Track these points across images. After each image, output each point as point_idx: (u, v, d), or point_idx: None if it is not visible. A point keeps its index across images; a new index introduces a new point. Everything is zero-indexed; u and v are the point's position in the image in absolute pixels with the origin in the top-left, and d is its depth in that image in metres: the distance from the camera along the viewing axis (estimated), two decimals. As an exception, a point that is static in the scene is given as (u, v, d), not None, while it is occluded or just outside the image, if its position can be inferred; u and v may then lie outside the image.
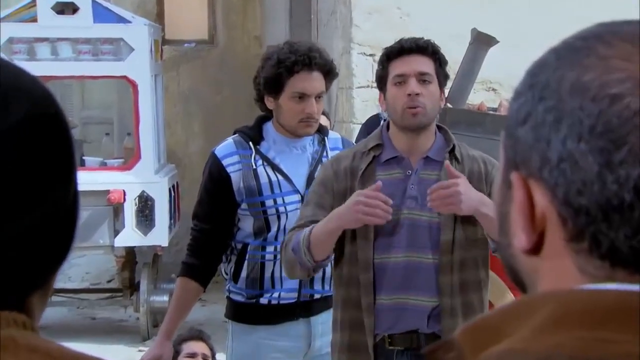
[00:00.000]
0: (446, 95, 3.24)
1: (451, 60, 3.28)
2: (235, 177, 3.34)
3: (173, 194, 7.21)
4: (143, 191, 6.83)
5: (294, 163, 3.40)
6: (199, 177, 3.52)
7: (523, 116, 0.80)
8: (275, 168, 3.37)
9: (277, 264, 3.35)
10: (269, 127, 3.43)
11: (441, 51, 3.05)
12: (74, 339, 6.63)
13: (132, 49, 6.84)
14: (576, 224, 0.76)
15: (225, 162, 3.36)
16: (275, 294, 3.39)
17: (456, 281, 2.94)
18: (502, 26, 5.56)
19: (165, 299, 6.87)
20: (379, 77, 3.06)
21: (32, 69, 0.96)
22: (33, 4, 6.83)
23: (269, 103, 3.37)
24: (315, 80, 3.31)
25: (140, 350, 6.49)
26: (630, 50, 0.77)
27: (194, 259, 3.42)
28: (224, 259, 3.47)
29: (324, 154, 3.43)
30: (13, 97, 0.89)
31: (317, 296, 3.42)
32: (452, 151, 3.02)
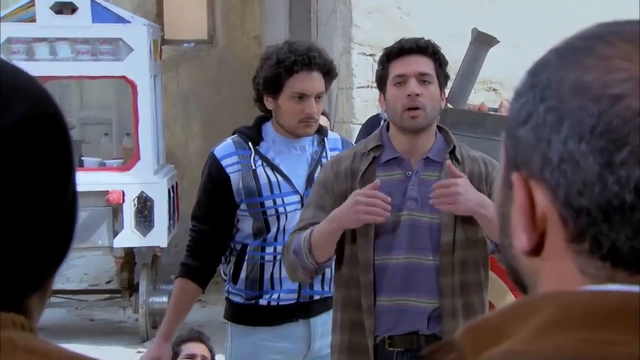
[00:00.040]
0: (446, 96, 3.23)
1: (451, 60, 3.28)
2: (235, 178, 3.34)
3: (172, 194, 7.21)
4: (142, 192, 6.83)
5: (293, 163, 3.39)
6: (198, 178, 3.51)
7: (524, 116, 0.80)
8: (275, 168, 3.36)
9: (277, 264, 3.35)
10: (268, 127, 3.42)
11: (441, 51, 3.04)
12: (73, 340, 6.63)
13: (131, 49, 6.84)
14: (577, 224, 0.76)
15: (224, 163, 3.35)
16: (275, 295, 3.38)
17: (457, 282, 2.93)
18: (503, 26, 5.57)
19: (164, 300, 6.86)
20: (378, 77, 3.05)
21: (30, 69, 0.96)
22: (31, 3, 6.83)
23: (268, 103, 3.36)
24: (314, 80, 3.30)
25: (139, 352, 6.50)
26: (632, 50, 0.77)
27: (192, 260, 3.41)
28: (223, 260, 3.47)
29: (324, 154, 3.42)
30: (11, 97, 0.89)
31: (316, 297, 3.41)
32: (452, 152, 3.01)
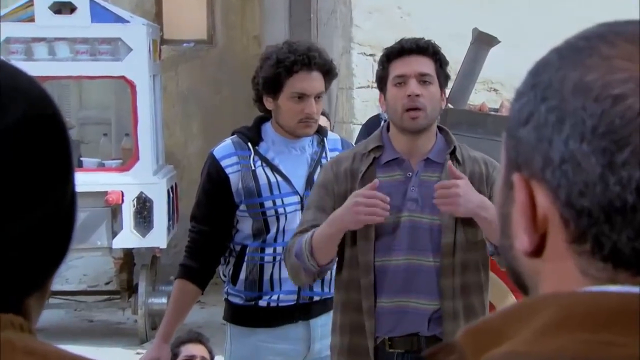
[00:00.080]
0: (447, 96, 3.22)
1: (452, 60, 3.27)
2: (234, 178, 3.33)
3: (172, 195, 7.21)
4: (141, 192, 6.83)
5: (293, 164, 3.39)
6: (197, 178, 3.51)
7: (525, 116, 0.80)
8: (274, 169, 3.36)
9: (276, 265, 3.34)
10: (267, 127, 3.41)
11: (442, 51, 3.03)
12: (72, 341, 6.63)
13: (130, 49, 6.84)
14: (578, 225, 0.76)
15: (223, 163, 3.34)
16: (275, 296, 3.37)
17: (458, 284, 2.93)
18: (503, 26, 5.57)
19: (163, 301, 6.86)
20: (379, 77, 3.04)
21: (29, 69, 0.96)
22: (30, 3, 6.83)
23: (268, 103, 3.35)
24: (314, 80, 3.29)
25: (138, 353, 6.51)
26: (633, 50, 0.77)
27: (192, 261, 3.40)
28: (222, 261, 3.46)
29: (323, 154, 3.42)
30: (10, 97, 0.89)
31: (316, 298, 3.40)
32: (453, 153, 3.00)
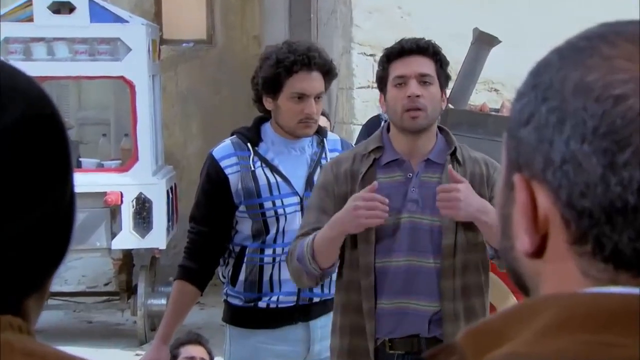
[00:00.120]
0: (447, 96, 3.22)
1: (452, 61, 3.27)
2: (234, 179, 3.32)
3: (171, 195, 7.21)
4: (140, 193, 6.82)
5: (292, 164, 3.38)
6: (197, 179, 3.50)
7: (526, 117, 0.80)
8: (274, 170, 3.35)
9: (276, 266, 3.34)
10: (267, 128, 3.40)
11: (442, 52, 3.02)
12: (70, 342, 6.63)
13: (129, 49, 6.83)
14: (579, 226, 0.76)
15: (223, 164, 3.33)
16: (274, 298, 3.36)
17: (458, 285, 2.92)
18: (504, 26, 5.56)
19: (163, 302, 6.87)
20: (379, 78, 3.04)
21: (28, 69, 0.96)
22: (29, 3, 6.83)
23: (268, 104, 3.35)
24: (314, 80, 3.29)
25: (137, 355, 6.53)
26: (634, 50, 0.76)
27: (191, 262, 3.39)
28: (221, 262, 3.45)
29: (323, 155, 3.41)
30: (9, 97, 0.89)
31: (316, 300, 3.40)
32: (453, 153, 3.00)
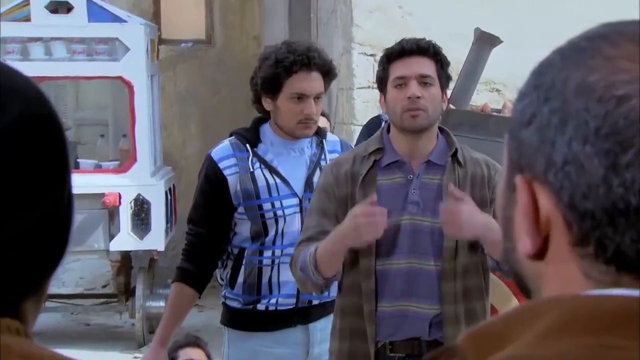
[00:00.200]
0: (448, 97, 3.19)
1: (453, 61, 3.26)
2: (232, 180, 3.31)
3: (169, 197, 7.20)
4: (139, 194, 6.81)
5: (292, 166, 3.37)
6: (196, 180, 3.48)
7: (527, 118, 0.79)
8: (273, 171, 3.34)
9: (275, 269, 3.33)
10: (266, 129, 3.39)
11: (443, 52, 3.01)
12: (68, 345, 6.63)
13: (127, 49, 6.82)
14: (581, 228, 0.76)
15: (222, 165, 3.32)
16: (273, 300, 3.35)
17: (459, 288, 2.91)
18: (505, 26, 5.54)
19: (161, 304, 6.86)
20: (379, 78, 3.03)
21: (25, 69, 0.96)
22: (26, 3, 6.82)
23: (267, 104, 3.33)
24: (314, 81, 3.28)
25: (136, 357, 6.54)
26: (636, 50, 0.76)
27: (189, 264, 3.38)
28: (219, 264, 3.44)
29: (322, 156, 3.40)
30: (6, 98, 0.88)
31: (315, 302, 3.38)
32: (454, 155, 2.98)
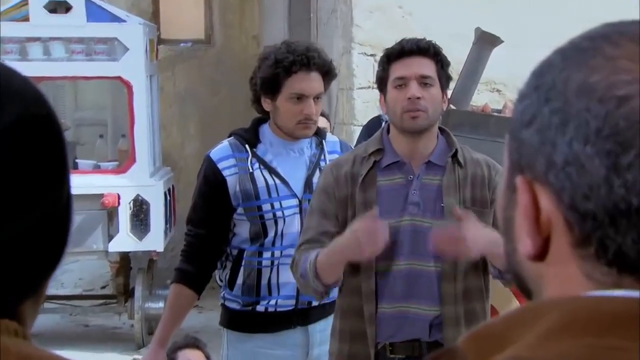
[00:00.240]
0: (449, 97, 3.18)
1: (454, 61, 3.25)
2: (231, 181, 3.30)
3: (169, 197, 7.18)
4: (138, 195, 6.79)
5: (291, 166, 3.36)
6: (195, 181, 3.48)
7: (528, 118, 0.79)
8: (273, 171, 3.33)
9: (274, 270, 3.32)
10: (265, 129, 3.39)
11: (443, 52, 3.00)
12: (67, 346, 6.64)
13: (126, 49, 6.80)
14: (582, 229, 0.76)
15: (221, 166, 3.32)
16: (272, 301, 3.35)
17: (459, 289, 2.90)
18: (506, 26, 5.52)
19: (160, 305, 6.85)
20: (379, 78, 3.02)
21: (23, 69, 0.96)
22: (25, 2, 6.80)
23: (266, 104, 3.33)
24: (313, 81, 3.27)
25: (135, 359, 6.49)
26: (638, 50, 0.76)
27: (188, 265, 3.37)
28: (218, 265, 3.43)
29: (322, 157, 3.40)
30: (4, 98, 0.88)
31: (315, 303, 3.36)
32: (454, 155, 2.98)
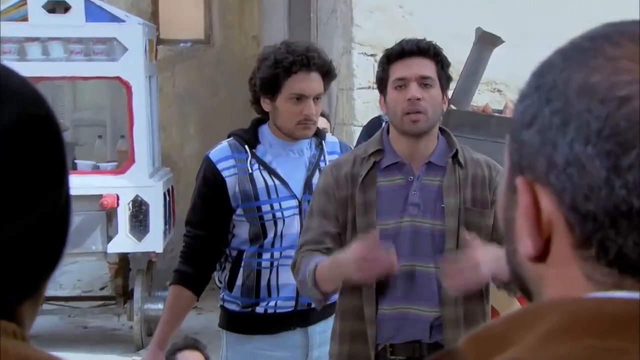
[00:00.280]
0: (449, 97, 3.16)
1: (454, 61, 3.24)
2: (231, 182, 3.29)
3: (168, 198, 7.18)
4: (137, 196, 6.79)
5: (291, 167, 3.36)
6: (194, 181, 3.46)
7: (529, 119, 0.79)
8: (272, 172, 3.32)
9: (274, 271, 3.32)
10: (264, 130, 3.38)
11: (443, 53, 2.98)
12: (66, 348, 6.63)
13: (125, 49, 6.80)
14: (583, 230, 0.75)
15: (220, 167, 3.31)
16: (272, 303, 3.34)
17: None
18: (507, 26, 5.52)
19: (159, 307, 6.84)
20: (379, 79, 3.01)
21: (22, 69, 0.96)
22: (23, 2, 6.80)
23: (266, 105, 3.32)
24: (313, 81, 3.26)
25: (134, 360, 6.48)
26: (638, 50, 0.75)
27: (187, 266, 3.36)
28: (218, 266, 3.42)
29: (322, 158, 3.39)
30: (3, 98, 0.88)
31: (314, 305, 3.28)
32: (455, 156, 2.97)
